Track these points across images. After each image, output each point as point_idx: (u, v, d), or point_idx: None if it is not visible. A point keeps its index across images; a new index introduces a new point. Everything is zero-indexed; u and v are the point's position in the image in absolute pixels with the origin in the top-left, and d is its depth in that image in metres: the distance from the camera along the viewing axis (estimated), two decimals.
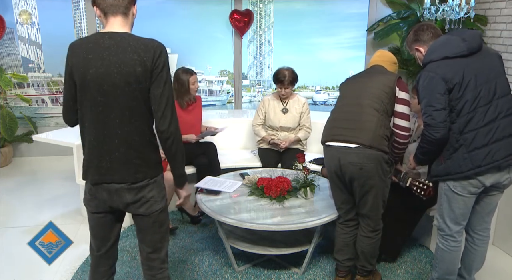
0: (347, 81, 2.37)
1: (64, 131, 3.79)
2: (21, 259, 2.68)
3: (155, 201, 1.65)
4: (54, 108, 5.60)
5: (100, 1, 1.56)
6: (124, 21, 1.59)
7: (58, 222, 2.07)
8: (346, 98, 2.27)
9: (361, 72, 2.38)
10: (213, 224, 3.13)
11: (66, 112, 1.68)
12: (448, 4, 3.73)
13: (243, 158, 3.73)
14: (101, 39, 1.54)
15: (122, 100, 1.53)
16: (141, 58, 1.51)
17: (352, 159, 2.08)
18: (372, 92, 2.14)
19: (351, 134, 2.10)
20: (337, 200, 2.33)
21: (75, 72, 1.56)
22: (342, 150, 2.11)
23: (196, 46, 5.66)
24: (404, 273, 2.57)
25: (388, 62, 2.34)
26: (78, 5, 5.33)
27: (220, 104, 6.20)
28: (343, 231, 2.36)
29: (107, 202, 1.64)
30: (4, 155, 4.82)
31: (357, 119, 2.12)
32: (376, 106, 2.11)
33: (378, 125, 2.09)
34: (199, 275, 2.54)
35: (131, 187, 1.60)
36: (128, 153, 1.58)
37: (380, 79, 2.18)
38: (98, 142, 1.58)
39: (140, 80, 1.52)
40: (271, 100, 3.59)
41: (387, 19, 5.08)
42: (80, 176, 3.17)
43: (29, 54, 5.37)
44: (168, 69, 1.59)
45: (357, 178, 2.11)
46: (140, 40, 1.55)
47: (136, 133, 1.58)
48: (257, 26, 5.82)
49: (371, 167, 2.07)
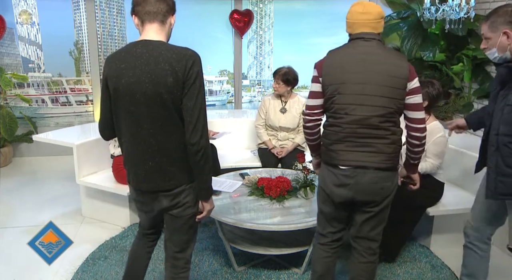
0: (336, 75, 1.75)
1: (64, 131, 3.79)
2: (21, 259, 2.68)
3: (189, 206, 1.69)
4: (54, 108, 5.60)
5: (139, 8, 1.55)
6: (160, 29, 1.58)
7: (58, 222, 2.07)
8: (347, 110, 1.74)
9: (351, 56, 1.76)
10: (213, 224, 3.12)
11: (104, 125, 1.69)
12: (448, 4, 3.73)
13: (243, 158, 3.73)
14: (134, 48, 1.53)
15: (154, 110, 1.52)
16: (173, 68, 1.48)
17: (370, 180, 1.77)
18: (384, 95, 1.70)
19: (365, 159, 1.75)
20: (329, 216, 1.94)
21: (109, 83, 1.56)
22: (355, 172, 1.78)
23: (196, 46, 5.60)
24: (404, 273, 2.57)
25: (379, 22, 1.77)
26: (78, 5, 5.33)
27: (220, 104, 6.20)
28: (326, 253, 2.00)
29: (146, 204, 1.73)
30: (4, 155, 4.82)
31: (367, 143, 1.75)
32: (390, 118, 1.74)
33: (395, 143, 1.78)
34: (199, 275, 2.54)
35: (167, 194, 1.64)
36: (162, 162, 1.59)
37: (387, 70, 1.69)
38: (133, 151, 1.62)
39: (171, 90, 1.49)
40: (271, 100, 3.60)
41: (387, 19, 5.08)
42: (80, 176, 3.21)
43: (29, 54, 5.37)
44: (201, 80, 1.55)
45: (371, 200, 1.82)
46: (173, 49, 1.52)
47: (170, 141, 1.57)
48: (257, 26, 5.82)
49: (389, 185, 1.81)
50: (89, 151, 3.27)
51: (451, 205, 2.73)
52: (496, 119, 1.79)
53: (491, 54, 1.81)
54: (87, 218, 3.38)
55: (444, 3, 3.83)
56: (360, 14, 1.75)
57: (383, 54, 1.73)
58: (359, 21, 1.76)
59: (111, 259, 2.71)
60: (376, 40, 1.76)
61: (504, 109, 1.75)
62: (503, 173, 1.77)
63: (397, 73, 1.70)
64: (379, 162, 1.74)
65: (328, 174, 1.85)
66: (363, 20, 1.75)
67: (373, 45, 1.75)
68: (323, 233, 2.00)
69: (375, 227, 1.91)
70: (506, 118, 1.74)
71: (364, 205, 1.84)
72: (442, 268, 2.63)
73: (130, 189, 1.77)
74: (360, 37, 1.76)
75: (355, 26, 1.78)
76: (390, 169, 1.79)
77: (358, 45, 1.77)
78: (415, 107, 1.76)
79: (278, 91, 3.49)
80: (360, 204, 1.85)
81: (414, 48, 4.68)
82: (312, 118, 1.86)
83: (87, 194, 3.38)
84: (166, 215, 1.72)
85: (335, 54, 1.81)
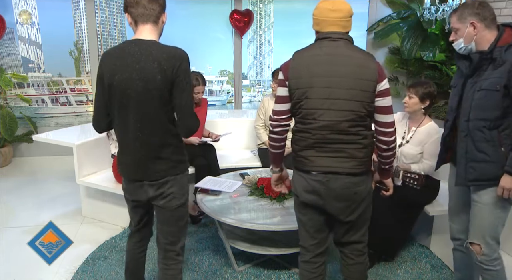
0: (302, 78, 1.65)
1: (64, 131, 3.80)
2: (21, 259, 2.68)
3: (174, 197, 1.76)
4: (54, 108, 5.60)
5: (132, 9, 1.62)
6: (153, 28, 1.65)
7: (58, 222, 2.07)
8: (315, 115, 1.65)
9: (317, 57, 1.64)
10: (213, 224, 3.12)
11: (97, 119, 1.77)
12: (448, 4, 3.73)
13: (243, 158, 3.73)
14: (128, 46, 1.62)
15: (143, 105, 1.62)
16: (162, 67, 1.57)
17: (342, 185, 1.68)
18: (352, 98, 1.61)
19: (336, 165, 1.66)
20: (307, 225, 1.83)
21: (105, 79, 1.65)
22: (326, 178, 1.69)
23: (196, 46, 5.66)
24: (404, 273, 2.57)
25: (348, 20, 1.68)
26: (78, 5, 5.34)
27: (220, 104, 6.21)
28: (310, 274, 1.87)
29: (134, 193, 1.81)
30: (4, 155, 4.83)
31: (338, 149, 1.65)
32: (361, 122, 1.65)
33: (367, 147, 1.69)
34: (199, 275, 2.54)
35: (152, 183, 1.73)
36: (149, 154, 1.69)
37: (354, 73, 1.60)
38: (124, 143, 1.73)
39: (160, 87, 1.59)
40: (270, 100, 3.59)
41: (387, 19, 5.08)
42: (80, 176, 3.21)
43: (29, 54, 5.38)
44: (188, 79, 1.64)
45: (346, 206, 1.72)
46: (164, 48, 1.60)
47: (156, 135, 1.67)
48: (257, 26, 5.83)
49: (362, 189, 1.72)
50: (89, 151, 3.27)
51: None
52: (466, 105, 1.82)
53: (457, 45, 1.86)
54: (87, 218, 3.38)
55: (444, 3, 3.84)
56: (330, 11, 1.64)
57: (350, 55, 1.63)
58: (328, 19, 1.65)
59: (111, 259, 2.71)
60: (343, 39, 1.65)
61: (475, 95, 1.78)
62: (473, 158, 1.80)
63: (365, 75, 1.60)
64: (351, 168, 1.66)
65: (299, 180, 1.75)
66: (332, 18, 1.64)
67: (340, 45, 1.64)
68: (305, 246, 1.87)
69: (357, 231, 1.82)
70: (478, 103, 1.77)
71: (339, 214, 1.73)
72: (442, 268, 2.63)
73: (123, 180, 1.87)
74: (327, 36, 1.66)
75: (323, 24, 1.67)
76: (363, 174, 1.71)
77: (324, 45, 1.66)
78: (384, 110, 1.66)
79: (276, 91, 3.49)
80: (334, 214, 1.74)
81: (414, 48, 4.68)
82: (281, 124, 1.75)
83: (87, 194, 3.38)
84: (155, 207, 1.82)
85: (301, 55, 1.69)
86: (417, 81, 2.63)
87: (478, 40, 1.79)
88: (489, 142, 1.77)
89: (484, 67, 1.79)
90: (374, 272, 2.56)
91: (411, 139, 2.57)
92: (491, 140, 1.76)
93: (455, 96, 1.92)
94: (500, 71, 1.72)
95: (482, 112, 1.77)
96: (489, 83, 1.74)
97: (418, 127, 2.57)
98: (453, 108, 1.92)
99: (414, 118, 2.60)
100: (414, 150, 2.54)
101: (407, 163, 2.54)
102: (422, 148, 2.53)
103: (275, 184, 1.97)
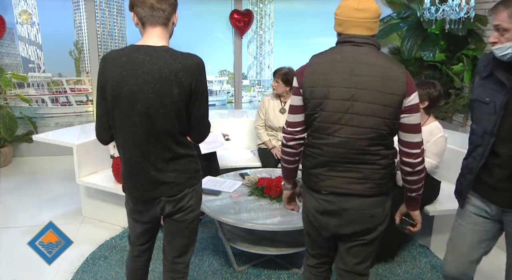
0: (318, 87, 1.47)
1: (64, 131, 3.80)
2: (21, 259, 2.68)
3: (192, 209, 1.66)
4: (54, 108, 5.60)
5: (139, 9, 1.43)
6: (163, 32, 1.48)
7: (58, 222, 2.07)
8: (330, 130, 1.48)
9: (337, 64, 1.46)
10: (213, 224, 3.12)
11: (100, 129, 1.60)
12: (448, 4, 3.73)
13: (243, 158, 3.73)
14: (135, 54, 1.43)
15: (156, 121, 1.46)
16: (179, 79, 1.41)
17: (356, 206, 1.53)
18: (373, 114, 1.43)
19: (348, 187, 1.51)
20: (314, 238, 1.71)
21: (108, 88, 1.46)
22: (339, 199, 1.55)
23: (196, 46, 5.66)
24: (404, 273, 2.57)
25: (376, 22, 1.50)
26: (78, 5, 5.33)
27: (220, 104, 6.20)
28: (315, 277, 1.81)
29: (146, 214, 1.65)
30: (4, 155, 4.82)
31: (353, 168, 1.50)
32: (381, 141, 1.47)
33: (386, 168, 1.52)
34: (199, 275, 2.54)
35: (170, 199, 1.60)
36: (165, 169, 1.55)
37: (379, 85, 1.42)
38: (134, 161, 1.55)
39: (176, 101, 1.44)
40: (270, 100, 3.60)
41: (387, 19, 5.08)
42: (80, 176, 3.21)
43: (29, 54, 5.37)
44: (206, 89, 1.53)
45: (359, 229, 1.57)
46: (179, 57, 1.43)
47: (170, 149, 1.53)
48: (257, 26, 5.82)
49: (379, 211, 1.56)
50: (89, 151, 3.27)
51: (451, 205, 2.73)
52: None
53: (501, 50, 1.45)
54: (87, 218, 3.38)
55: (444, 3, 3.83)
56: (355, 11, 1.45)
57: (375, 64, 1.43)
58: (352, 19, 1.46)
59: (111, 259, 2.71)
60: (368, 44, 1.47)
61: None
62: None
63: (392, 88, 1.41)
64: (365, 190, 1.49)
65: (309, 199, 1.61)
66: (357, 19, 1.45)
67: (365, 52, 1.45)
68: (312, 253, 1.78)
69: (364, 259, 1.64)
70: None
71: (352, 236, 1.58)
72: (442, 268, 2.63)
73: (128, 199, 1.69)
74: (350, 40, 1.47)
75: (346, 25, 1.48)
76: (380, 195, 1.53)
77: (346, 50, 1.47)
78: (411, 128, 1.47)
79: (276, 91, 3.49)
80: (347, 236, 1.59)
81: (414, 48, 4.68)
82: (295, 137, 1.57)
83: (87, 194, 3.38)
84: (167, 220, 1.69)
85: (319, 61, 1.50)
86: (420, 81, 2.64)
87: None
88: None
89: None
90: (374, 272, 2.56)
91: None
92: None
93: (492, 115, 1.51)
94: None
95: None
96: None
97: (422, 126, 2.59)
98: (489, 130, 1.53)
99: None
100: None
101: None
102: (424, 147, 2.54)
103: (287, 202, 1.82)
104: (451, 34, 4.16)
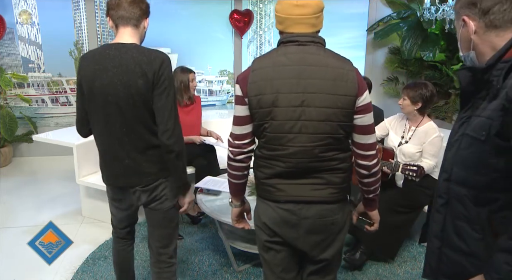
0: (265, 95, 1.33)
1: (64, 131, 3.79)
2: (21, 259, 2.68)
3: (166, 198, 1.75)
4: (54, 108, 5.60)
5: (113, 12, 1.60)
6: (133, 32, 1.62)
7: (58, 222, 2.07)
8: (283, 141, 1.37)
9: (283, 68, 1.33)
10: (213, 224, 3.12)
11: (79, 123, 1.75)
12: (448, 4, 3.73)
13: None
14: (107, 50, 1.58)
15: (126, 111, 1.58)
16: (143, 70, 1.53)
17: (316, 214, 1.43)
18: (327, 119, 1.32)
19: (309, 194, 1.41)
20: (276, 267, 1.55)
21: (84, 83, 1.61)
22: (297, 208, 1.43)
23: (196, 46, 5.66)
24: (404, 273, 2.57)
25: (318, 17, 1.36)
26: (78, 5, 5.33)
27: (220, 104, 6.20)
28: None
29: (124, 201, 1.80)
30: (4, 155, 4.82)
31: (313, 176, 1.40)
32: (337, 145, 1.38)
33: (346, 171, 1.43)
34: (199, 275, 2.54)
35: (145, 189, 1.70)
36: (137, 159, 1.65)
37: (330, 87, 1.31)
38: (109, 151, 1.68)
39: (142, 92, 1.55)
40: None
41: (387, 19, 5.08)
42: (80, 176, 3.21)
43: (29, 54, 5.37)
44: (171, 81, 1.59)
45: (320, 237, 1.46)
46: (144, 52, 1.56)
47: (142, 140, 1.63)
48: (257, 26, 5.82)
49: (339, 218, 1.46)
50: (89, 151, 3.27)
51: None
52: (449, 156, 1.15)
53: (462, 56, 1.16)
54: (87, 218, 3.38)
55: (444, 3, 3.84)
56: (294, 7, 1.32)
57: (325, 64, 1.32)
58: (293, 16, 1.33)
59: (111, 259, 2.70)
60: (314, 43, 1.34)
61: (462, 142, 1.10)
62: (450, 243, 1.14)
63: (344, 89, 1.30)
64: (327, 196, 1.41)
65: (265, 210, 1.47)
66: (298, 16, 1.32)
67: (311, 51, 1.33)
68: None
69: (327, 275, 1.55)
70: (462, 154, 1.09)
71: (311, 250, 1.48)
72: None
73: (107, 188, 1.82)
74: (294, 40, 1.34)
75: (287, 23, 1.35)
76: (340, 201, 1.45)
77: (291, 52, 1.34)
78: (365, 129, 1.37)
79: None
80: (305, 250, 1.49)
81: (414, 48, 4.68)
82: (244, 150, 1.44)
83: (87, 194, 3.38)
84: (146, 210, 1.79)
85: (263, 65, 1.36)
86: (411, 83, 2.65)
87: (477, 47, 1.08)
88: (471, 224, 1.08)
89: (482, 95, 1.08)
90: (374, 272, 2.56)
91: (410, 139, 2.61)
92: (475, 222, 1.07)
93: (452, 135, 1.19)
94: (494, 105, 1.01)
95: (464, 171, 1.09)
96: (477, 125, 1.05)
97: (417, 126, 2.61)
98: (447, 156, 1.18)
99: (412, 118, 2.65)
100: (413, 149, 2.58)
101: (406, 161, 2.58)
102: (421, 147, 2.57)
103: (236, 220, 1.66)
104: (451, 34, 4.17)
